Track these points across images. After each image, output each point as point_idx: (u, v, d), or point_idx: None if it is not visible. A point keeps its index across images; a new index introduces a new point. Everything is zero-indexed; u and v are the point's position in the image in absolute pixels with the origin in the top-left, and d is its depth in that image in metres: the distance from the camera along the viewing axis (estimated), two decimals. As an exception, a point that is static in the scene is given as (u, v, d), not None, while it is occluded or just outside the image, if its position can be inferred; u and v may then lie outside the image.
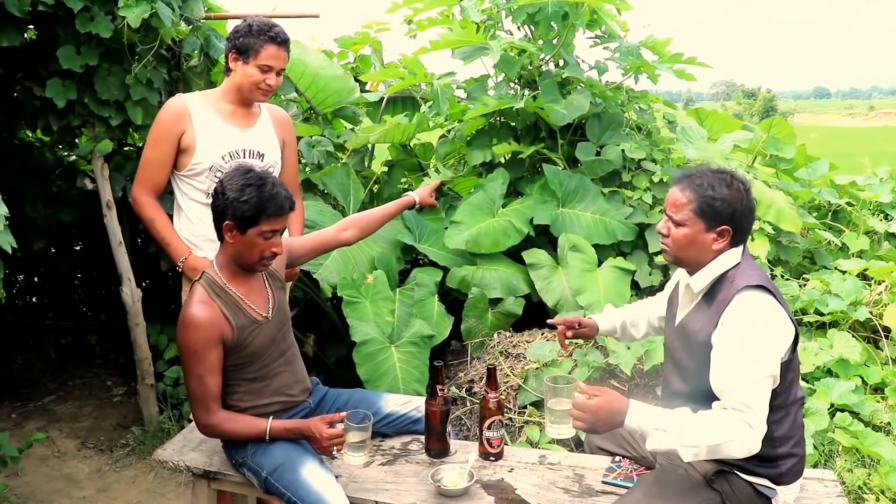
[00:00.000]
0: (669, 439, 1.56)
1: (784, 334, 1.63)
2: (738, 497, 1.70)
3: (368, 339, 2.93)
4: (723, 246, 1.71)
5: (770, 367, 1.58)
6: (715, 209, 1.68)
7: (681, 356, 1.80)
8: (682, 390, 1.78)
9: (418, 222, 3.50)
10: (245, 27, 2.25)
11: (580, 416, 1.63)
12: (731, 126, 4.14)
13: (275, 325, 1.98)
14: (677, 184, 1.75)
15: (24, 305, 4.61)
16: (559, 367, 2.86)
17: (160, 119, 2.32)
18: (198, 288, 1.89)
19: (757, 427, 1.53)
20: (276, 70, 2.29)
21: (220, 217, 1.85)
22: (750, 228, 1.75)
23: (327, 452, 1.87)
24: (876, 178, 4.33)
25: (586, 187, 3.52)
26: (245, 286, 1.93)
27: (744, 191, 1.70)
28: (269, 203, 1.80)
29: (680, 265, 1.82)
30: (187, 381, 1.88)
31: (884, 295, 3.16)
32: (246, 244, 1.85)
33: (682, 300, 1.84)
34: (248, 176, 1.83)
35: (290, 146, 2.54)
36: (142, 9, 2.69)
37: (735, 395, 1.55)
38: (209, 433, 1.93)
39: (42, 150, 4.07)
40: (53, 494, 3.00)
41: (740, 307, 1.62)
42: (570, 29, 3.56)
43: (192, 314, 1.83)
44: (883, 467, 2.46)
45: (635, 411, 1.61)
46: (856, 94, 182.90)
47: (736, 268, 1.71)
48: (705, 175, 1.71)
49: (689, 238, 1.71)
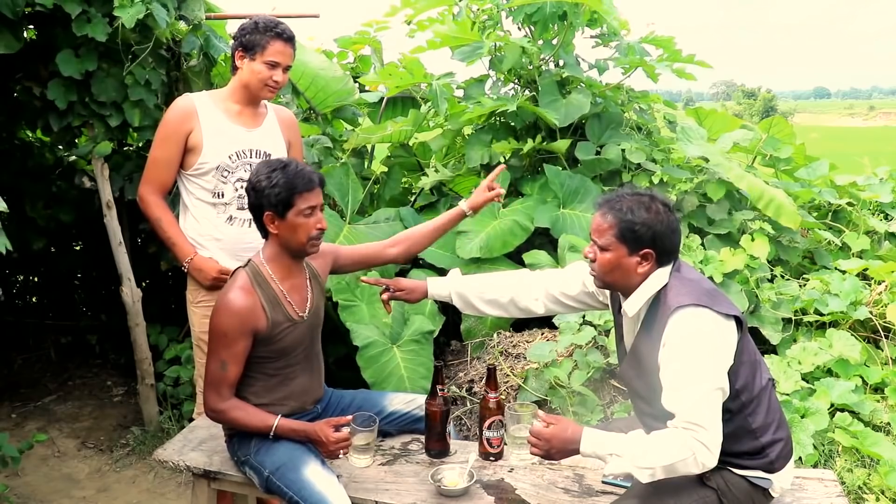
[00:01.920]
0: (625, 464, 1.60)
1: (725, 344, 1.64)
2: (733, 492, 1.70)
3: (370, 342, 2.93)
4: (648, 269, 1.72)
5: (715, 381, 1.60)
6: (635, 233, 1.69)
7: (637, 384, 1.82)
8: (647, 411, 1.80)
9: (417, 222, 3.49)
10: (251, 24, 2.27)
11: (535, 443, 1.69)
12: (731, 125, 4.14)
13: (307, 327, 1.99)
14: (599, 209, 1.77)
15: (24, 305, 4.61)
16: (559, 367, 2.85)
17: (167, 119, 2.32)
18: (241, 274, 1.91)
19: (710, 444, 1.56)
20: (283, 66, 2.29)
21: (258, 211, 1.88)
22: (675, 248, 1.75)
23: (333, 456, 1.87)
24: (876, 178, 4.33)
25: (587, 188, 3.52)
26: (288, 282, 1.94)
27: (663, 212, 1.71)
28: (298, 179, 1.84)
29: (611, 289, 1.84)
30: (209, 361, 1.88)
31: (884, 295, 3.16)
32: (289, 228, 1.87)
33: (625, 326, 1.85)
34: (270, 163, 1.88)
35: (297, 147, 2.54)
36: (136, 9, 2.69)
37: (684, 414, 1.58)
38: (215, 417, 1.92)
39: (42, 150, 4.07)
40: (53, 494, 3.00)
41: (676, 328, 1.63)
42: (569, 29, 3.56)
43: (231, 300, 1.85)
44: (883, 467, 2.46)
45: (589, 439, 1.65)
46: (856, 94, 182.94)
47: (665, 288, 1.71)
48: (625, 199, 1.73)
49: (614, 263, 1.72)
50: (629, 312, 1.76)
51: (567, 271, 2.06)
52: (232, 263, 2.31)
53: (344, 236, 3.32)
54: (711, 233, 3.43)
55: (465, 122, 3.75)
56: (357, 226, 3.42)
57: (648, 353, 1.71)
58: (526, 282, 2.07)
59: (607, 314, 2.96)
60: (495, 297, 2.07)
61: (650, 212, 1.70)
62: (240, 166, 2.31)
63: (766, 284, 3.18)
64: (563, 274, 2.06)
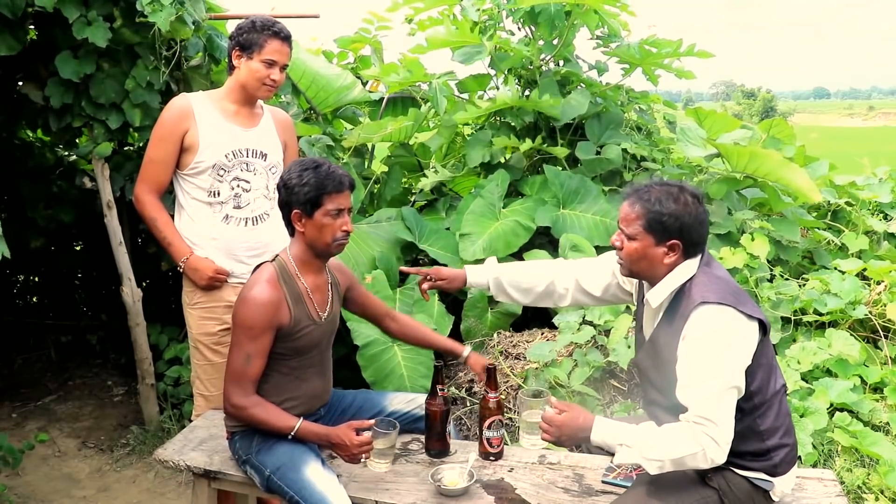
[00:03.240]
0: (634, 454, 1.61)
1: (745, 343, 1.64)
2: (735, 493, 1.70)
3: (371, 341, 2.93)
4: (674, 259, 1.72)
5: (732, 379, 1.60)
6: (663, 224, 1.69)
7: (652, 374, 1.82)
8: (660, 402, 1.80)
9: (418, 222, 3.50)
10: (248, 24, 2.27)
11: (547, 429, 1.70)
12: (731, 126, 4.14)
13: (324, 331, 2.00)
14: (627, 198, 1.77)
15: (24, 305, 4.61)
16: (559, 366, 2.86)
17: (164, 118, 2.32)
18: (268, 268, 1.93)
19: (721, 440, 1.56)
20: (280, 65, 2.30)
21: (287, 209, 1.90)
22: (703, 240, 1.75)
23: (356, 460, 1.87)
24: (875, 178, 4.34)
25: (587, 188, 3.52)
26: (312, 282, 1.97)
27: (692, 203, 1.71)
28: (328, 180, 1.86)
29: (636, 278, 1.84)
30: (232, 355, 1.88)
31: (883, 294, 3.16)
32: (316, 228, 1.89)
33: (646, 316, 1.85)
34: (303, 163, 1.91)
35: (292, 148, 2.55)
36: (168, 12, 2.70)
37: (698, 409, 1.58)
38: (235, 413, 1.90)
39: (42, 151, 4.08)
40: (54, 494, 3.00)
41: (697, 323, 1.63)
42: (571, 28, 3.57)
43: (258, 292, 1.86)
44: (882, 467, 2.46)
45: (600, 427, 1.66)
46: (855, 95, 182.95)
47: (692, 281, 1.71)
48: (654, 189, 1.73)
49: (640, 252, 1.73)
50: (652, 303, 1.76)
51: (598, 262, 2.04)
52: (228, 263, 2.31)
53: (346, 235, 3.31)
54: (711, 232, 3.44)
55: (461, 120, 3.74)
56: (359, 225, 3.42)
57: (667, 344, 1.71)
58: (558, 272, 2.06)
59: (607, 314, 2.96)
60: (530, 286, 2.08)
61: (678, 203, 1.70)
62: (236, 165, 2.31)
63: (766, 284, 3.18)
64: (594, 266, 2.04)
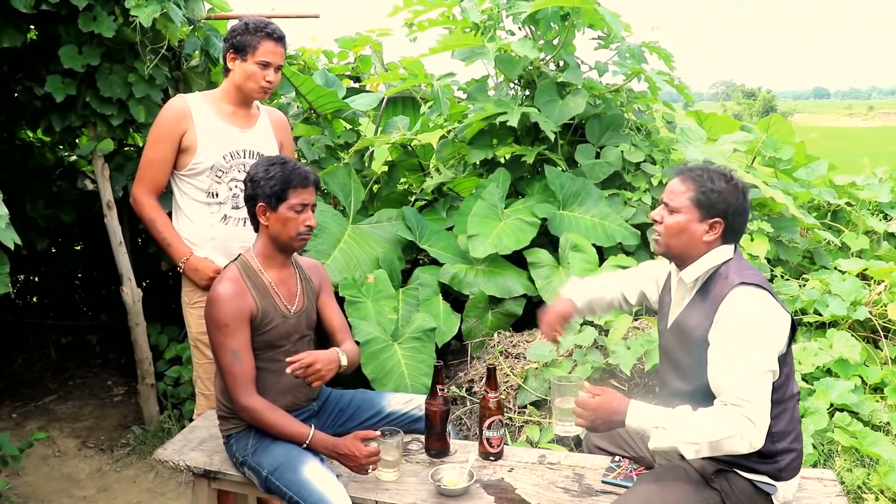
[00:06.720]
0: (670, 437, 1.58)
1: (781, 329, 1.65)
2: (737, 495, 1.70)
3: (371, 338, 2.93)
4: (713, 239, 1.73)
5: (768, 361, 1.60)
6: (711, 200, 1.71)
7: (678, 355, 1.80)
8: (681, 389, 1.78)
9: (419, 222, 3.50)
10: (241, 26, 2.29)
11: (581, 413, 1.68)
12: (731, 127, 4.14)
13: (294, 325, 2.01)
14: (678, 175, 1.78)
15: (24, 305, 4.61)
16: (559, 367, 2.86)
17: (161, 119, 2.33)
18: (231, 267, 1.97)
19: (758, 421, 1.54)
20: (275, 66, 2.31)
21: (252, 202, 1.95)
22: (742, 229, 1.77)
23: (363, 471, 1.87)
24: (875, 178, 4.34)
25: (588, 190, 3.52)
26: (276, 275, 2.00)
27: (741, 189, 1.74)
28: (294, 175, 1.92)
29: (670, 256, 1.82)
30: (221, 360, 1.88)
31: (883, 295, 3.16)
32: (280, 221, 1.93)
33: (675, 297, 1.85)
34: (270, 158, 1.97)
35: (288, 148, 2.56)
36: (152, 8, 2.71)
37: (735, 390, 1.56)
38: (247, 415, 1.90)
39: (43, 151, 4.08)
40: (54, 494, 3.00)
41: (735, 303, 1.63)
42: (571, 29, 3.56)
43: (221, 290, 1.89)
44: (882, 467, 2.46)
45: (635, 411, 1.63)
46: (855, 95, 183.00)
47: (728, 263, 1.72)
48: (706, 169, 1.76)
49: (682, 226, 1.73)
50: (686, 280, 1.76)
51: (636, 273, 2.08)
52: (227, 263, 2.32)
53: (348, 236, 3.31)
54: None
55: (470, 133, 3.76)
56: (360, 226, 3.42)
57: (697, 325, 1.71)
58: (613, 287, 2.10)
59: (607, 314, 2.96)
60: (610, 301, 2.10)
61: (729, 184, 1.72)
62: (234, 166, 2.33)
63: (766, 284, 3.18)
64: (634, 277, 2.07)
